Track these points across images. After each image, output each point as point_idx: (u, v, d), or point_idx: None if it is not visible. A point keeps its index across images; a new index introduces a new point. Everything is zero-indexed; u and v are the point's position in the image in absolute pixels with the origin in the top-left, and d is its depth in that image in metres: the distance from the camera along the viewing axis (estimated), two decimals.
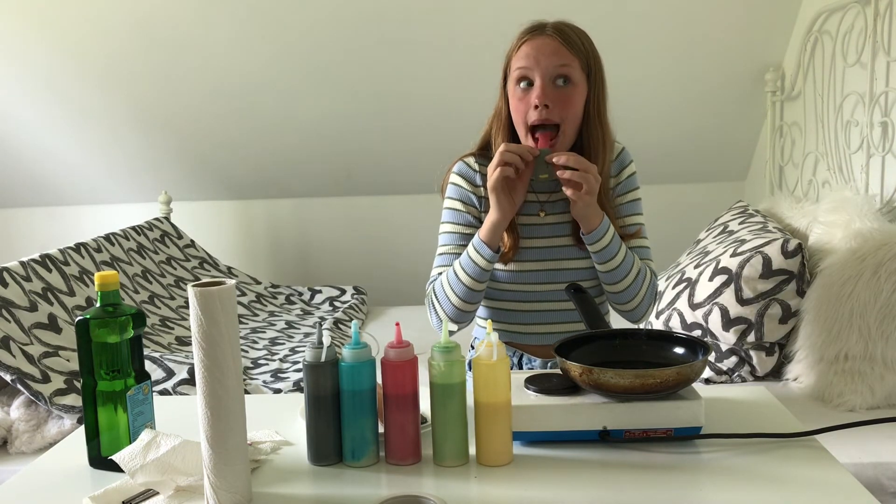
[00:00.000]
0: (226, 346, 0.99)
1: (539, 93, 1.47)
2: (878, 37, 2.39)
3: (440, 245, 1.64)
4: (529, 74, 1.49)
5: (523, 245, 1.58)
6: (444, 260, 1.61)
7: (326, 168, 3.49)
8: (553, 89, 1.48)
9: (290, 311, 3.14)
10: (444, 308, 1.55)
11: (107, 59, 3.07)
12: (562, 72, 1.48)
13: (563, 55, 1.48)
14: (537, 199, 1.60)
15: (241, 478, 1.03)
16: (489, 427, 1.11)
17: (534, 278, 1.59)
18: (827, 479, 1.05)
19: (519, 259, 1.58)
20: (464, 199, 1.61)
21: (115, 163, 3.50)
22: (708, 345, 1.23)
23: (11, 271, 2.15)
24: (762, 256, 2.11)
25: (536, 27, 1.52)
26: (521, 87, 1.51)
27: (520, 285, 1.59)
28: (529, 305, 1.60)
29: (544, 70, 1.48)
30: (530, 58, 1.49)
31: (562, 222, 1.58)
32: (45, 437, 1.87)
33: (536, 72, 1.48)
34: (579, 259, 1.58)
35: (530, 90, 1.50)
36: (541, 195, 1.60)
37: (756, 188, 3.35)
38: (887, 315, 1.89)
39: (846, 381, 1.92)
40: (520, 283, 1.59)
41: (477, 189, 1.60)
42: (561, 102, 1.49)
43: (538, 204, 1.59)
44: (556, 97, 1.48)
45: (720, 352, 2.15)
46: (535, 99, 1.47)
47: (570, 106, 1.50)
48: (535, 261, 1.58)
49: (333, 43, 3.01)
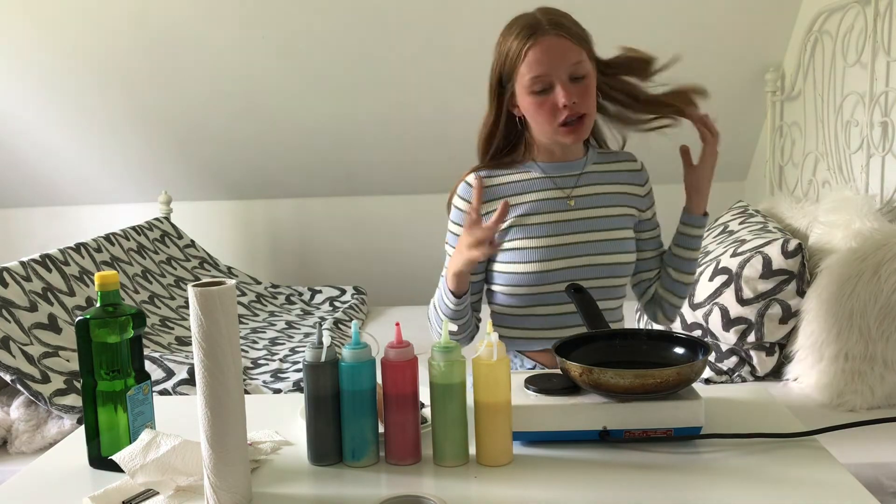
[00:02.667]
0: (226, 346, 0.99)
1: (564, 93, 1.46)
2: (878, 37, 2.39)
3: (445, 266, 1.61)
4: (547, 81, 1.48)
5: (555, 243, 1.56)
6: None
7: (326, 168, 3.49)
8: (572, 86, 1.48)
9: (290, 312, 3.14)
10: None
11: (107, 58, 3.07)
12: (577, 70, 1.48)
13: (574, 52, 1.48)
14: (564, 195, 1.59)
15: (241, 478, 1.03)
16: (489, 427, 1.11)
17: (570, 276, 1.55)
18: (827, 479, 1.05)
19: (552, 258, 1.55)
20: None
21: (115, 163, 3.50)
22: (708, 345, 1.23)
23: (11, 271, 2.15)
24: (762, 256, 2.11)
25: (533, 28, 1.49)
26: (538, 95, 1.49)
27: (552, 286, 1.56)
28: (562, 308, 1.56)
29: (562, 73, 1.47)
30: (544, 64, 1.47)
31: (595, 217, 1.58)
32: (45, 437, 1.87)
33: (554, 77, 1.47)
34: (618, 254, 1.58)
35: (549, 95, 1.48)
36: (566, 189, 1.59)
37: (756, 188, 3.35)
38: (887, 315, 1.89)
39: (846, 381, 1.91)
40: (552, 283, 1.55)
41: (486, 205, 1.57)
42: (583, 95, 1.49)
43: (566, 199, 1.58)
44: (578, 92, 1.48)
45: (720, 352, 2.15)
46: (563, 99, 1.46)
47: (591, 95, 1.51)
48: (569, 257, 1.56)
49: (334, 43, 3.01)
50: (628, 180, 1.65)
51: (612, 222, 1.60)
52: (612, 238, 1.58)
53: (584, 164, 1.62)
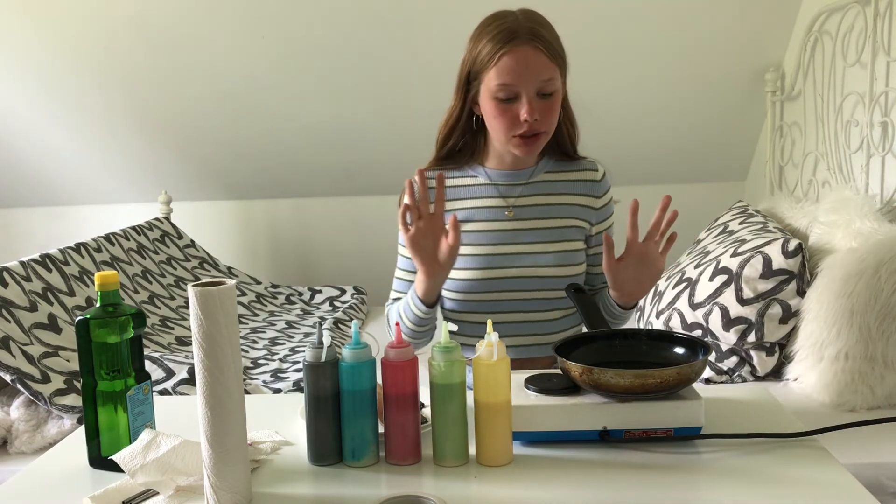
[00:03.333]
0: (226, 346, 0.99)
1: (528, 108, 1.43)
2: (878, 37, 2.39)
3: (397, 267, 1.62)
4: (513, 91, 1.44)
5: (491, 252, 1.53)
6: (399, 285, 1.60)
7: (326, 168, 3.49)
8: (538, 101, 1.45)
9: (290, 311, 3.14)
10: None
11: (107, 58, 3.07)
12: (547, 87, 1.44)
13: (547, 69, 1.43)
14: (506, 204, 1.56)
15: (241, 478, 1.03)
16: (489, 427, 1.11)
17: (507, 286, 1.53)
18: (827, 479, 1.05)
19: (488, 266, 1.53)
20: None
21: (115, 163, 3.51)
22: (708, 345, 1.23)
23: (11, 271, 2.15)
24: (762, 256, 2.11)
25: (511, 34, 1.43)
26: (501, 102, 1.45)
27: (490, 294, 1.54)
28: (503, 317, 1.53)
29: (530, 87, 1.43)
30: (514, 74, 1.42)
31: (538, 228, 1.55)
32: (45, 437, 1.87)
33: (521, 89, 1.43)
34: (564, 266, 1.54)
35: (512, 105, 1.45)
36: (509, 199, 1.56)
37: (756, 188, 3.35)
38: (887, 315, 1.88)
39: (846, 381, 1.91)
40: (490, 291, 1.53)
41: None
42: (546, 112, 1.46)
43: (504, 209, 1.56)
44: (542, 108, 1.45)
45: (720, 352, 2.15)
46: (525, 115, 1.43)
47: (555, 113, 1.48)
48: (506, 267, 1.53)
49: (334, 42, 3.01)
50: (582, 191, 1.60)
51: (555, 234, 1.56)
52: (554, 251, 1.54)
53: (531, 174, 1.58)
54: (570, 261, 1.55)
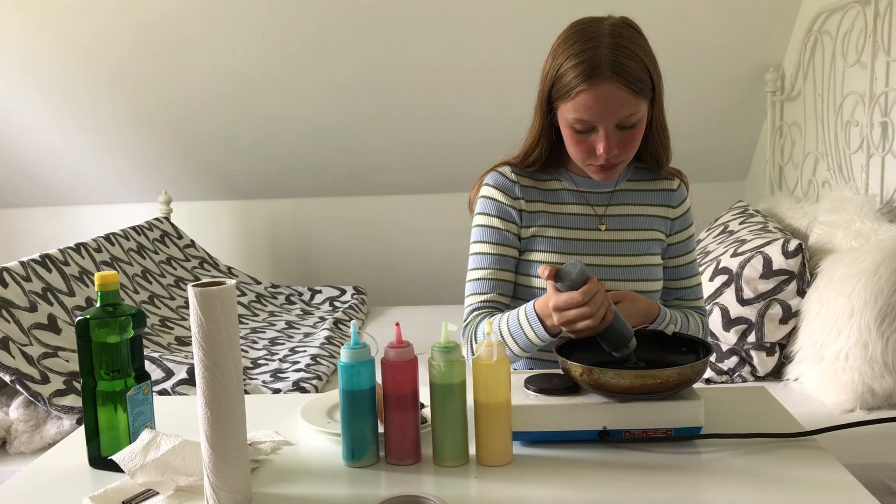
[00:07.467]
0: (226, 346, 0.99)
1: (605, 144, 1.34)
2: (878, 37, 2.39)
3: (474, 268, 1.48)
4: (590, 125, 1.35)
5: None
6: (482, 287, 1.47)
7: (326, 168, 3.49)
8: (617, 134, 1.36)
9: (290, 311, 3.14)
10: None
11: (107, 58, 3.07)
12: (627, 121, 1.35)
13: (627, 105, 1.33)
14: (594, 213, 1.48)
15: (241, 478, 1.03)
16: (489, 427, 1.11)
17: None
18: (827, 479, 1.05)
19: None
20: (502, 215, 1.47)
21: (115, 163, 3.51)
22: (709, 345, 1.23)
23: (11, 271, 2.15)
24: (762, 256, 2.11)
25: (592, 70, 1.31)
26: (578, 132, 1.37)
27: None
28: None
29: (609, 123, 1.34)
30: (592, 111, 1.33)
31: (625, 240, 1.47)
32: (45, 438, 1.87)
33: (600, 123, 1.34)
34: (646, 281, 1.47)
35: (589, 135, 1.36)
36: (598, 208, 1.48)
37: (756, 188, 3.35)
38: (887, 315, 1.88)
39: (846, 382, 1.91)
40: None
41: (516, 202, 1.47)
42: (625, 144, 1.37)
43: (597, 217, 1.48)
44: (621, 140, 1.36)
45: (721, 352, 2.15)
46: (602, 150, 1.35)
47: (635, 142, 1.38)
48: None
49: (334, 43, 3.01)
50: (660, 201, 1.52)
51: (641, 247, 1.48)
52: (639, 264, 1.47)
53: (616, 182, 1.51)
54: (652, 275, 1.49)
